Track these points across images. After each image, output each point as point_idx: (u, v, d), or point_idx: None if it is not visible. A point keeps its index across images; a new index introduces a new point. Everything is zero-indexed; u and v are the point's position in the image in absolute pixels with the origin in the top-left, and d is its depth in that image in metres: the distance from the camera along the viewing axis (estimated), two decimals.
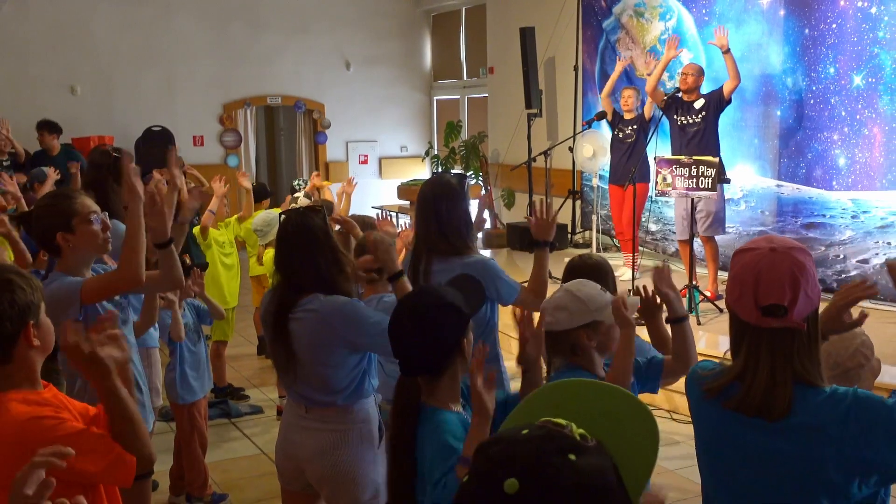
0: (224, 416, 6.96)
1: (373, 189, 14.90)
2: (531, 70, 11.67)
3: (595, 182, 10.74)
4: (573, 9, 11.48)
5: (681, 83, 8.26)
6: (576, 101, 11.59)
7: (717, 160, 7.57)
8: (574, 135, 10.67)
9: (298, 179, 10.32)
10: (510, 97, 12.77)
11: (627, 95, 9.24)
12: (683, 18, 9.82)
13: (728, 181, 7.94)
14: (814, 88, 8.37)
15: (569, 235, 11.69)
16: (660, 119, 8.50)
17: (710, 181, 7.48)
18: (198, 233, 7.27)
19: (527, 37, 11.65)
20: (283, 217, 3.56)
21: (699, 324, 7.52)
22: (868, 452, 2.04)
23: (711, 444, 2.30)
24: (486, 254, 10.41)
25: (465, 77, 15.00)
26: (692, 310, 7.65)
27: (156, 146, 12.24)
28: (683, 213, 8.14)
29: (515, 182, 12.64)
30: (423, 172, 15.11)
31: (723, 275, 8.87)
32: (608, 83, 9.65)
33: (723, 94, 8.02)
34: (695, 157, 7.61)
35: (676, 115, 8.30)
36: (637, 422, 1.56)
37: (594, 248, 10.32)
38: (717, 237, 8.36)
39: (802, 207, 8.55)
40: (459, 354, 2.49)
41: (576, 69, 11.59)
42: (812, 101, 8.40)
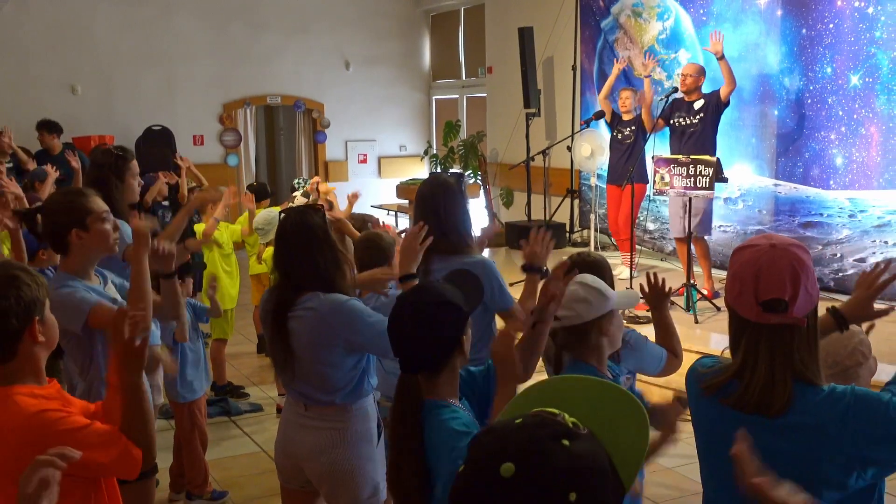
0: (224, 414, 6.98)
1: (372, 188, 14.90)
2: (530, 70, 11.70)
3: (593, 181, 10.76)
4: (571, 9, 11.50)
5: (680, 84, 8.29)
6: (574, 101, 11.60)
7: (715, 159, 7.58)
8: (572, 134, 10.70)
9: (298, 179, 10.34)
10: (509, 97, 12.80)
11: (625, 96, 9.26)
12: (681, 18, 9.84)
13: (726, 180, 7.95)
14: (811, 88, 8.39)
15: (567, 234, 11.72)
16: (656, 120, 8.53)
17: (708, 180, 7.51)
18: (200, 231, 7.29)
19: (525, 37, 11.68)
20: (283, 216, 3.55)
21: (697, 322, 7.54)
22: (867, 450, 2.05)
23: (710, 442, 2.30)
24: (485, 253, 10.43)
25: (464, 77, 15.01)
26: (690, 308, 7.70)
27: (156, 146, 12.30)
28: (678, 212, 8.17)
29: (514, 181, 12.67)
30: (422, 172, 15.12)
31: (719, 273, 8.94)
32: (606, 85, 9.67)
33: (720, 98, 8.05)
34: (693, 157, 7.63)
35: (676, 117, 8.33)
36: (627, 414, 1.57)
37: (592, 247, 10.34)
38: (714, 237, 8.37)
39: (800, 206, 8.57)
40: (459, 351, 2.49)
41: (574, 69, 11.60)
42: (809, 101, 8.42)
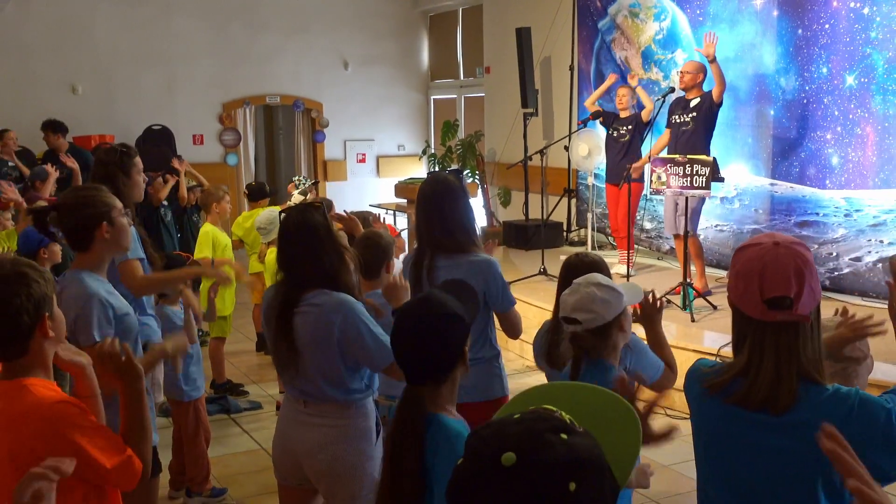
0: (223, 412, 7.00)
1: (370, 187, 14.98)
2: (527, 70, 11.71)
3: (590, 180, 10.79)
4: (569, 9, 11.52)
5: (678, 82, 8.34)
6: (571, 101, 11.62)
7: (712, 159, 7.59)
8: (569, 134, 10.72)
9: (298, 177, 10.36)
10: (506, 96, 12.82)
11: (622, 94, 9.31)
12: (678, 19, 9.86)
13: (722, 180, 7.97)
14: (807, 88, 8.40)
15: (564, 234, 11.76)
16: (654, 119, 8.58)
17: (705, 180, 7.54)
18: (204, 233, 7.32)
19: (523, 37, 11.69)
20: (284, 215, 3.55)
21: (693, 321, 7.58)
22: (864, 452, 1.99)
23: (712, 442, 2.29)
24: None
25: (462, 77, 15.04)
26: (687, 307, 7.74)
27: (156, 145, 12.32)
28: (673, 209, 8.21)
29: (512, 181, 12.69)
30: (421, 171, 15.15)
31: (714, 272, 8.99)
32: (594, 95, 9.80)
33: (713, 100, 8.08)
34: (689, 157, 7.64)
35: (674, 115, 8.37)
36: (618, 417, 1.62)
37: (590, 246, 10.38)
38: (710, 236, 8.40)
39: (796, 206, 8.58)
40: (462, 361, 2.52)
41: (571, 69, 11.63)
42: (805, 101, 8.42)
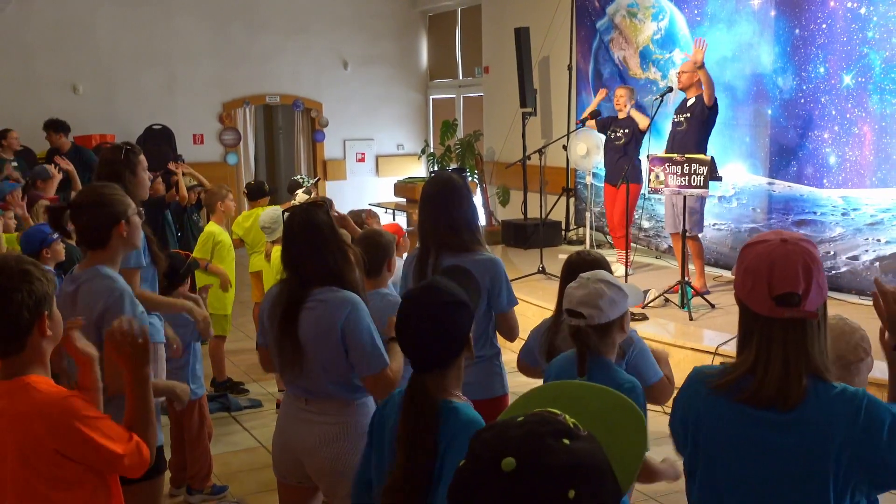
0: (224, 410, 7.02)
1: (370, 186, 15.02)
2: (526, 69, 11.73)
3: (589, 180, 10.80)
4: (567, 9, 11.54)
5: (678, 82, 8.37)
6: (570, 100, 11.64)
7: (710, 158, 7.60)
8: (568, 133, 10.74)
9: (299, 176, 10.40)
10: (505, 96, 12.85)
11: (620, 95, 9.31)
12: (675, 19, 9.88)
13: (720, 179, 7.99)
14: (804, 88, 8.41)
15: (563, 232, 11.80)
16: (653, 118, 8.60)
17: (703, 179, 7.55)
18: (208, 233, 7.34)
19: (521, 37, 11.71)
20: (288, 214, 3.57)
21: (691, 319, 7.61)
22: (868, 453, 2.09)
23: (719, 444, 2.25)
24: None
25: (461, 76, 15.08)
26: (685, 305, 7.77)
27: (157, 145, 12.36)
28: (671, 209, 8.25)
29: (510, 180, 12.73)
30: (420, 170, 15.21)
31: (712, 271, 9.03)
32: (588, 110, 9.89)
33: (704, 103, 8.08)
34: (687, 156, 7.65)
35: (674, 114, 8.40)
36: (625, 418, 1.62)
37: (588, 245, 10.40)
38: (708, 235, 8.43)
39: (793, 205, 8.60)
40: (467, 347, 2.54)
41: (570, 69, 11.65)
42: (803, 101, 8.44)
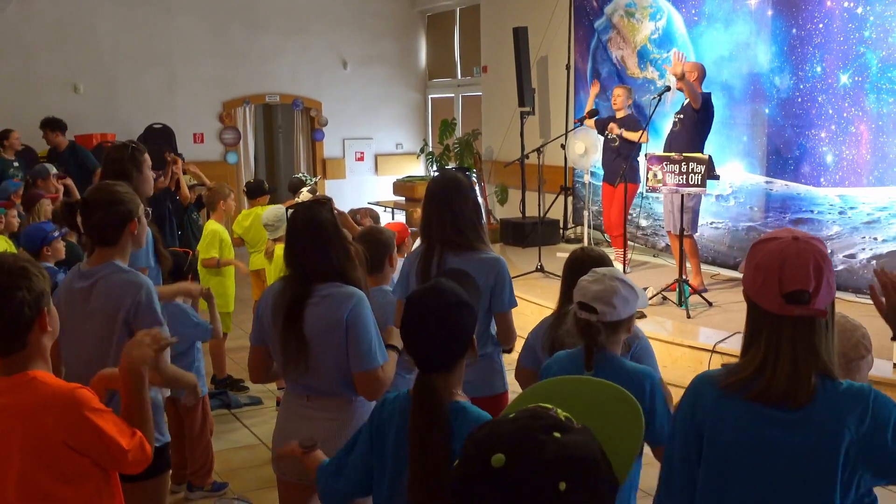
0: (224, 407, 7.04)
1: (369, 185, 15.05)
2: (524, 69, 11.76)
3: (587, 178, 10.84)
4: (565, 9, 11.57)
5: (676, 82, 8.40)
6: (568, 100, 11.66)
7: (707, 157, 7.64)
8: (566, 132, 10.77)
9: (301, 174, 10.43)
10: (503, 95, 12.88)
11: (617, 94, 9.35)
12: (673, 18, 9.91)
13: (717, 178, 8.02)
14: (801, 87, 8.45)
15: (561, 231, 11.85)
16: (651, 118, 8.64)
17: (700, 178, 7.59)
18: (211, 231, 7.37)
19: (520, 36, 11.74)
20: (292, 212, 3.58)
21: (689, 317, 7.66)
22: (875, 447, 2.11)
23: (727, 442, 2.24)
24: None
25: (460, 76, 15.10)
26: (682, 303, 7.81)
27: (157, 144, 12.39)
28: (670, 207, 8.29)
29: (509, 178, 12.77)
30: (419, 169, 15.25)
31: (709, 269, 9.07)
32: (586, 109, 9.97)
33: (692, 107, 8.10)
34: (685, 155, 7.68)
35: (675, 114, 8.43)
36: (620, 409, 1.64)
37: (585, 243, 10.44)
38: (706, 233, 8.46)
39: (791, 203, 8.63)
40: (471, 348, 2.55)
41: (568, 68, 11.67)
42: (800, 100, 8.47)
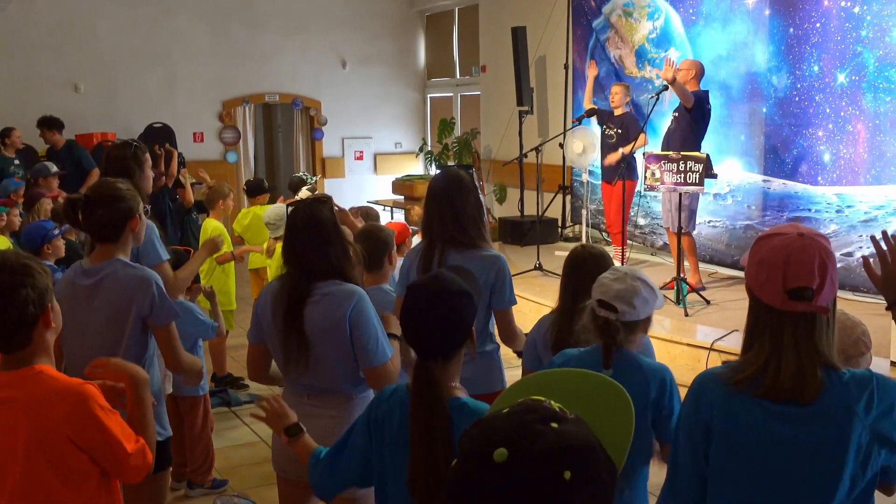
0: (224, 405, 7.04)
1: (368, 184, 15.08)
2: (522, 68, 11.78)
3: (585, 177, 10.87)
4: (564, 9, 11.59)
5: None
6: (566, 99, 11.68)
7: (705, 156, 7.66)
8: (564, 131, 10.78)
9: (302, 172, 10.45)
10: (502, 95, 12.91)
11: (615, 92, 9.37)
12: (671, 18, 9.94)
13: (715, 176, 8.02)
14: (798, 86, 8.48)
15: (559, 229, 11.88)
16: (647, 118, 8.67)
17: (698, 176, 7.60)
18: (214, 228, 7.39)
19: (518, 36, 11.77)
20: (292, 209, 3.58)
21: (686, 315, 7.69)
22: (884, 431, 2.13)
23: (738, 440, 2.22)
24: None
25: (458, 75, 15.13)
26: (680, 301, 7.84)
27: (157, 143, 12.41)
28: (668, 206, 8.31)
29: (507, 177, 12.81)
30: (417, 168, 15.30)
31: (707, 267, 9.10)
32: (587, 92, 9.90)
33: (685, 106, 8.13)
34: (683, 153, 7.70)
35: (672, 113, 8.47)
36: (610, 399, 1.65)
37: (584, 242, 10.47)
38: (703, 232, 8.49)
39: (788, 202, 8.66)
40: (470, 339, 2.56)
41: (566, 67, 11.70)
42: (797, 99, 8.50)
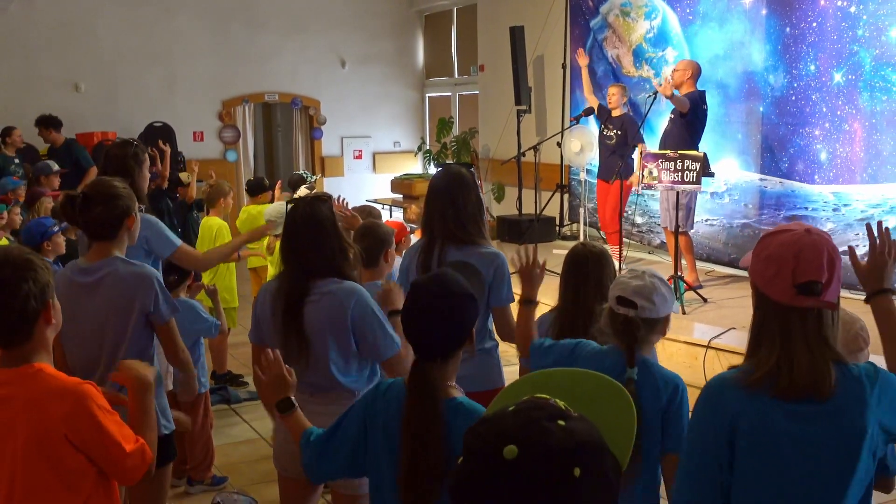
0: (224, 402, 7.06)
1: (367, 183, 15.10)
2: (521, 68, 11.79)
3: (582, 176, 10.90)
4: (561, 8, 11.62)
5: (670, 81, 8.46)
6: (564, 98, 11.70)
7: (702, 155, 7.68)
8: (562, 130, 10.82)
9: (302, 171, 10.48)
10: (500, 94, 12.92)
11: (612, 93, 9.39)
12: (668, 17, 9.97)
13: (712, 175, 8.04)
14: (795, 85, 8.50)
15: (557, 228, 11.91)
16: (644, 118, 8.70)
17: (695, 175, 7.63)
18: (217, 226, 7.42)
19: (516, 35, 11.79)
20: (292, 207, 3.58)
21: (684, 313, 7.71)
22: (889, 420, 2.17)
23: (760, 442, 2.20)
24: None
25: (457, 75, 15.15)
26: (677, 299, 7.82)
27: (155, 142, 12.43)
28: (665, 204, 8.34)
29: (505, 176, 12.82)
30: (416, 167, 15.32)
31: (704, 266, 9.13)
32: (585, 83, 9.94)
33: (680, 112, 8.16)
34: (680, 152, 7.71)
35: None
36: (610, 399, 1.66)
37: (582, 240, 10.47)
38: (700, 230, 8.51)
39: (785, 200, 8.68)
40: (469, 340, 2.57)
41: (564, 67, 11.72)
42: (794, 98, 8.52)
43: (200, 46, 13.69)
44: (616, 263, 8.84)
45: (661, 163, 7.77)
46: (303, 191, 8.02)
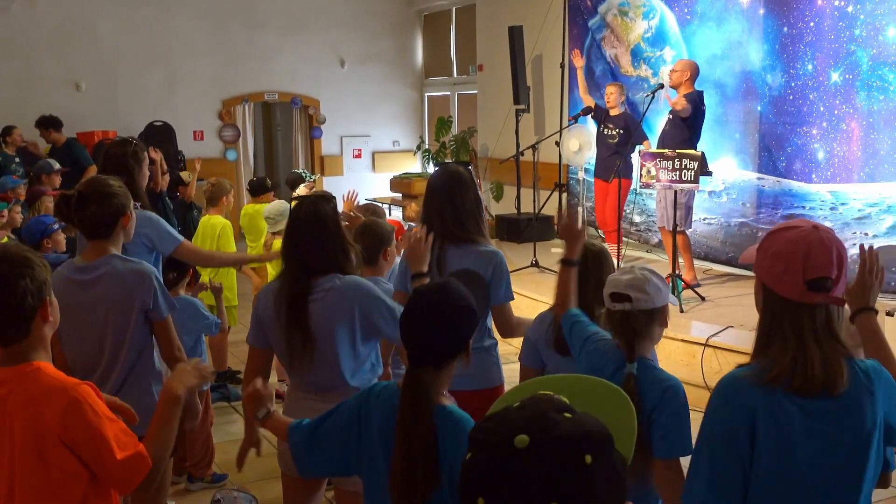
0: (224, 400, 7.08)
1: (366, 182, 15.11)
2: (519, 67, 11.83)
3: (581, 175, 10.91)
4: (560, 8, 11.58)
5: (669, 80, 8.48)
6: (562, 98, 11.67)
7: (700, 154, 7.68)
8: (560, 129, 10.82)
9: (302, 170, 10.50)
10: (499, 93, 12.95)
11: (610, 92, 9.40)
12: (666, 17, 9.97)
13: (710, 174, 8.06)
14: (793, 85, 8.49)
15: (555, 227, 11.92)
16: (642, 117, 8.72)
17: (693, 174, 7.64)
18: (219, 226, 7.44)
19: (515, 35, 11.82)
20: (295, 205, 3.59)
21: (682, 311, 7.72)
22: (891, 413, 2.20)
23: (780, 439, 2.19)
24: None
25: (456, 74, 15.19)
26: (675, 298, 7.86)
27: (158, 141, 12.45)
28: (663, 203, 8.36)
29: (504, 175, 12.85)
30: (415, 166, 15.36)
31: (702, 264, 9.14)
32: (580, 84, 9.96)
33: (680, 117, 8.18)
34: (678, 151, 7.72)
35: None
36: (611, 401, 1.70)
37: None
38: (698, 229, 8.52)
39: (783, 199, 8.67)
40: (465, 351, 2.57)
41: (562, 66, 11.69)
42: (791, 97, 8.51)
43: (200, 46, 13.73)
44: (615, 262, 8.90)
45: (660, 162, 7.78)
46: (301, 189, 8.02)
